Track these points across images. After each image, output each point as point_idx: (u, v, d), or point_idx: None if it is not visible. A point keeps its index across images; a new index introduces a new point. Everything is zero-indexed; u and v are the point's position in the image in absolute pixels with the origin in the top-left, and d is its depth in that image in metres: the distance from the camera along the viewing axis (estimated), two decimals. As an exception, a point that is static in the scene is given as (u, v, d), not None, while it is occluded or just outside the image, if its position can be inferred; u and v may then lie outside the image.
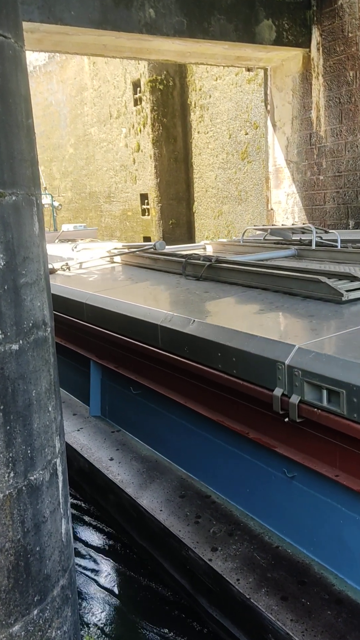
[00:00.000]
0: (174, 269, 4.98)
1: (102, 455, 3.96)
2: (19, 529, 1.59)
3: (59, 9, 7.13)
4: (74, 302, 4.47)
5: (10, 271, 1.55)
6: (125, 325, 3.80)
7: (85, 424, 4.48)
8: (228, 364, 2.88)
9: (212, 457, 3.36)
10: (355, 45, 8.38)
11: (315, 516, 2.67)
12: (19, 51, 1.62)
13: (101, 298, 4.22)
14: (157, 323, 3.45)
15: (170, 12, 7.96)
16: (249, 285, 4.07)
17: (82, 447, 4.13)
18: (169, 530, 3.03)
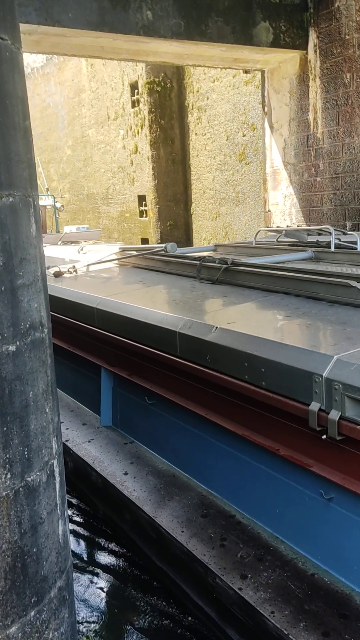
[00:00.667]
0: (187, 272, 4.80)
1: (116, 469, 3.74)
2: (16, 530, 1.59)
3: (56, 11, 7.14)
4: (84, 306, 4.29)
5: (7, 272, 1.56)
6: (139, 331, 3.62)
7: (96, 435, 4.28)
8: (256, 375, 2.69)
9: (236, 474, 3.15)
10: (352, 48, 8.41)
11: (356, 542, 2.47)
12: (16, 53, 1.62)
13: (113, 303, 4.05)
14: (175, 330, 3.26)
15: (168, 14, 7.98)
16: (268, 289, 3.88)
17: (94, 460, 3.92)
18: (192, 554, 2.82)
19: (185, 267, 4.87)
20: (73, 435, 4.32)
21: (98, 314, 4.12)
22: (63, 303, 4.60)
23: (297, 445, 2.65)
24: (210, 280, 4.40)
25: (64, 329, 4.72)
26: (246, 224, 13.75)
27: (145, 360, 3.71)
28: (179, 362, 3.26)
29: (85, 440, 4.22)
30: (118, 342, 3.89)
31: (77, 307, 4.39)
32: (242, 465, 3.07)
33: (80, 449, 4.10)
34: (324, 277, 3.58)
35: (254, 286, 4.03)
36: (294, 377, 2.49)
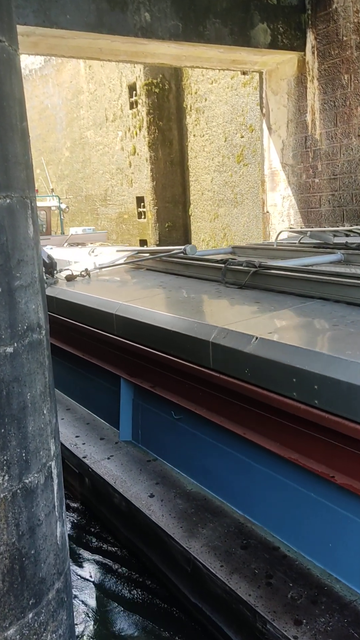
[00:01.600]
0: (209, 276, 4.55)
1: (141, 491, 3.44)
2: (14, 532, 1.59)
3: (54, 13, 7.15)
4: (102, 312, 4.04)
5: (5, 274, 1.56)
6: (165, 340, 3.38)
7: (115, 451, 4.00)
8: (307, 392, 2.43)
9: (280, 501, 2.86)
10: (350, 49, 8.43)
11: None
12: (13, 54, 1.62)
13: (134, 309, 3.79)
14: (207, 339, 2.99)
15: (166, 15, 7.99)
16: (303, 294, 3.61)
17: (115, 480, 3.62)
18: (236, 594, 2.53)
19: (207, 271, 4.62)
20: (91, 451, 4.05)
21: (117, 320, 3.88)
22: (77, 308, 4.41)
23: (356, 472, 2.40)
24: (237, 284, 4.14)
25: (78, 336, 4.55)
26: (244, 225, 13.76)
27: (171, 372, 3.47)
28: (212, 374, 2.99)
29: (104, 456, 3.94)
30: (140, 351, 3.64)
31: (94, 313, 4.15)
32: (287, 492, 2.79)
33: (99, 467, 3.81)
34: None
35: (286, 291, 3.75)
36: (354, 395, 2.24)
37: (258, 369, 2.68)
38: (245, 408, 2.92)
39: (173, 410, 3.57)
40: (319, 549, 2.63)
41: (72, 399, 5.00)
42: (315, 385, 2.39)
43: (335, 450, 2.46)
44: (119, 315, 3.86)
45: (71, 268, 5.48)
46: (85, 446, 4.13)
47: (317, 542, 2.64)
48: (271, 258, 5.16)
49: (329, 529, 2.59)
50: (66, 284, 5.05)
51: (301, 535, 2.72)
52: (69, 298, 4.58)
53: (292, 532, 2.78)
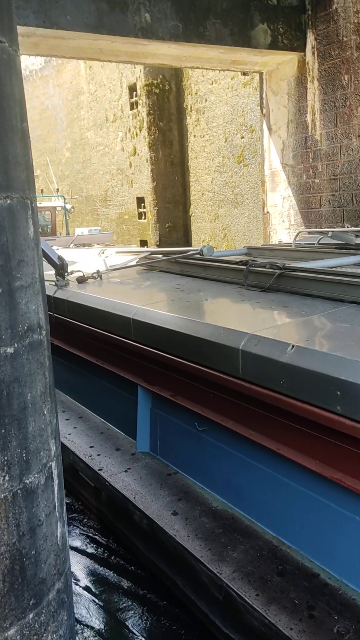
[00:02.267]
0: (229, 278, 4.38)
1: (162, 507, 3.22)
2: (14, 533, 1.59)
3: (54, 14, 7.15)
4: (118, 317, 3.87)
5: (5, 274, 1.56)
6: (188, 347, 3.19)
7: (133, 463, 3.80)
8: (353, 406, 2.26)
9: (319, 523, 2.65)
10: (350, 49, 8.43)
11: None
12: (14, 55, 1.62)
13: (153, 313, 3.61)
14: (236, 347, 2.80)
15: (166, 16, 7.99)
16: (334, 297, 3.43)
17: (135, 495, 3.41)
18: (276, 627, 2.32)
19: (227, 273, 4.45)
20: (107, 463, 3.86)
21: (135, 325, 3.69)
22: (91, 312, 4.25)
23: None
24: (260, 287, 3.96)
25: (91, 341, 4.40)
26: (245, 226, 13.76)
27: (194, 380, 3.26)
28: (241, 385, 2.79)
29: (122, 469, 3.74)
30: (159, 357, 3.46)
31: (109, 317, 3.98)
32: (327, 514, 2.58)
33: (116, 480, 3.61)
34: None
35: (314, 294, 3.56)
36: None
37: (295, 380, 2.49)
38: (279, 421, 2.71)
39: (196, 421, 3.36)
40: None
41: (84, 407, 4.83)
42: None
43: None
44: (137, 320, 3.68)
45: (82, 269, 5.31)
46: (100, 457, 3.94)
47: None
48: (290, 259, 4.94)
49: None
50: (77, 286, 4.92)
51: (344, 562, 2.50)
52: (82, 301, 4.43)
53: (333, 557, 2.55)
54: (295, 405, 2.52)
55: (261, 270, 4.07)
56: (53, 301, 4.78)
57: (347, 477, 2.42)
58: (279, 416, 2.71)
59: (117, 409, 4.35)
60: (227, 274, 4.47)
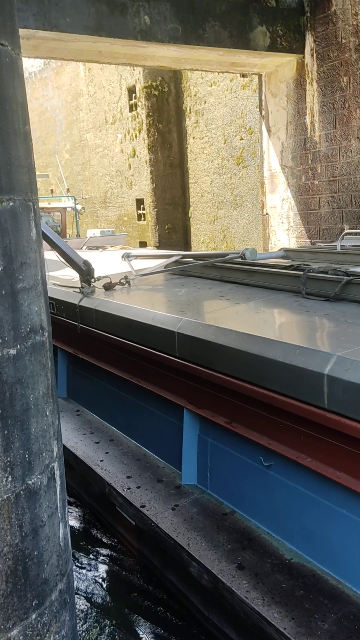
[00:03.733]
0: (280, 285, 3.97)
1: (224, 558, 2.72)
2: (17, 533, 1.60)
3: (54, 16, 7.16)
4: (159, 330, 3.45)
5: (8, 276, 1.57)
6: (251, 368, 2.77)
7: (180, 498, 3.31)
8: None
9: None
10: (349, 51, 8.45)
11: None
12: (16, 58, 1.63)
13: (203, 327, 3.18)
14: (321, 372, 2.39)
15: (165, 18, 8.01)
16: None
17: (189, 541, 2.88)
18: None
19: (278, 279, 4.02)
20: (149, 497, 3.37)
21: (180, 339, 3.26)
22: (124, 323, 3.84)
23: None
24: (322, 296, 3.55)
25: (124, 356, 4.01)
26: (244, 227, 13.78)
27: (259, 407, 2.83)
28: (326, 416, 2.40)
29: (168, 506, 3.25)
30: (212, 378, 3.05)
31: (148, 330, 3.56)
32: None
33: (163, 520, 3.11)
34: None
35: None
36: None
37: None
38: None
39: (261, 455, 2.91)
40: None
41: (115, 429, 4.41)
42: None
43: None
44: (183, 334, 3.25)
45: (107, 275, 4.89)
46: (141, 491, 3.45)
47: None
48: (340, 263, 4.47)
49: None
50: (104, 293, 4.52)
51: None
52: (114, 311, 4.02)
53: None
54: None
55: (322, 276, 3.62)
56: (78, 310, 4.45)
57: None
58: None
59: (156, 433, 3.89)
60: (278, 280, 4.02)
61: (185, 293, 4.39)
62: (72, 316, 4.57)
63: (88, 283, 4.61)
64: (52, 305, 4.88)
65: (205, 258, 5.13)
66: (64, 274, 5.56)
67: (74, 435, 4.41)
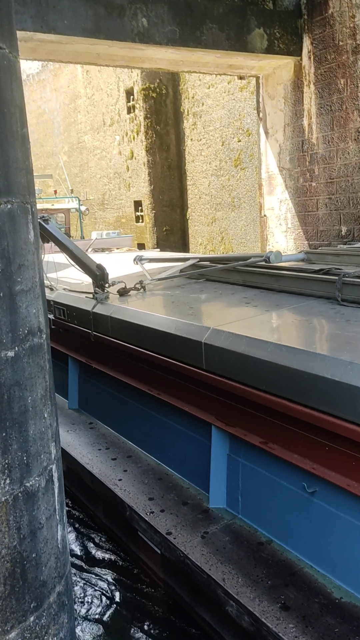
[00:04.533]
0: (311, 290, 3.72)
1: (265, 597, 2.45)
2: (15, 536, 1.60)
3: (52, 18, 7.17)
4: (183, 340, 3.20)
5: (6, 278, 1.57)
6: (294, 384, 2.53)
7: (209, 524, 3.01)
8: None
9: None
10: (346, 54, 8.47)
11: None
12: (14, 61, 1.64)
13: (234, 337, 2.91)
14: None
15: (163, 21, 8.02)
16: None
17: (224, 576, 2.61)
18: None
19: (308, 284, 3.77)
20: (175, 523, 3.07)
21: (208, 351, 3.02)
22: (143, 332, 3.60)
23: None
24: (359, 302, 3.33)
25: (143, 366, 3.78)
26: (242, 229, 13.79)
27: (302, 427, 2.59)
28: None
29: (197, 533, 2.95)
30: (242, 393, 2.82)
31: (170, 340, 3.32)
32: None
33: (192, 550, 2.81)
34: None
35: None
36: None
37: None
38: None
39: (304, 479, 2.66)
40: None
41: (133, 444, 4.14)
42: None
43: None
44: (211, 345, 3.00)
45: (121, 280, 4.64)
46: (165, 515, 3.17)
47: None
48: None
49: None
50: (119, 299, 4.29)
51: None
52: (132, 319, 3.77)
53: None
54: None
55: None
56: (92, 317, 4.23)
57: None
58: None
59: (179, 450, 3.61)
60: (308, 285, 3.77)
61: (206, 299, 4.17)
62: (85, 323, 4.36)
63: (102, 288, 4.38)
64: (63, 311, 4.70)
65: (225, 261, 4.85)
66: (65, 276, 5.39)
67: (88, 450, 4.14)
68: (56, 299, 4.93)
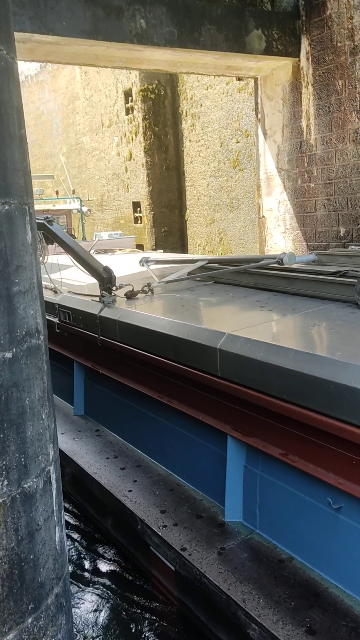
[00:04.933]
0: (328, 294, 3.60)
1: (289, 620, 2.33)
2: (13, 537, 1.59)
3: (50, 20, 7.17)
4: (197, 345, 3.06)
5: (3, 280, 1.57)
6: (319, 394, 2.39)
7: (226, 540, 2.86)
8: None
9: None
10: (344, 55, 8.49)
11: None
12: (11, 63, 1.64)
13: (252, 343, 2.77)
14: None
15: (161, 22, 8.03)
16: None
17: (244, 596, 2.47)
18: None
19: (324, 287, 3.64)
20: (189, 538, 2.92)
21: (224, 358, 2.89)
22: (153, 337, 3.48)
23: None
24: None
25: (153, 372, 3.66)
26: (240, 230, 13.80)
27: (328, 441, 2.45)
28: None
29: (213, 549, 2.79)
30: (264, 403, 2.69)
31: (182, 346, 3.18)
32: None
33: (209, 568, 2.67)
34: None
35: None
36: None
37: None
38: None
39: (329, 494, 2.52)
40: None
41: (142, 452, 4.01)
42: None
43: None
44: (227, 352, 2.87)
45: (130, 282, 4.51)
46: (179, 529, 3.02)
47: None
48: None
49: None
50: (126, 302, 4.18)
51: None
52: (141, 323, 3.64)
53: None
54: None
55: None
56: (99, 321, 4.11)
57: None
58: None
59: (192, 460, 3.46)
60: (324, 288, 3.65)
61: (218, 302, 4.02)
62: (92, 327, 4.24)
63: (109, 291, 4.25)
64: (68, 315, 4.58)
65: (235, 263, 4.68)
66: (66, 277, 5.26)
67: (95, 459, 4.00)
68: (61, 302, 4.80)
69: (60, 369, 5.20)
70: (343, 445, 2.38)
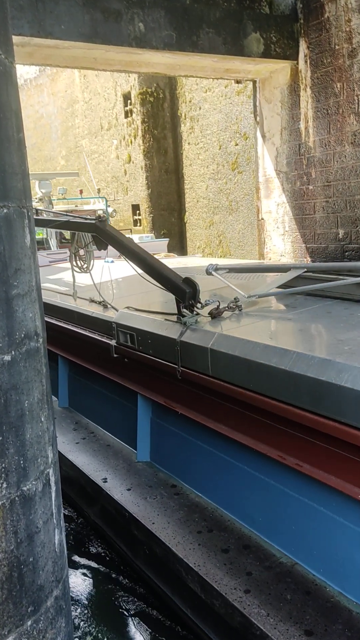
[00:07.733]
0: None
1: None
2: (12, 540, 1.59)
3: (49, 23, 7.19)
4: (340, 390, 2.24)
5: (2, 283, 1.57)
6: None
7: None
8: None
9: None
10: (342, 57, 8.51)
11: None
12: (9, 67, 1.64)
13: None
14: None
15: (160, 25, 8.05)
16: None
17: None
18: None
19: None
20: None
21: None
22: (270, 376, 2.61)
23: None
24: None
25: (264, 420, 2.80)
26: (240, 232, 13.82)
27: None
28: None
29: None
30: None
31: (318, 389, 2.35)
32: None
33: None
34: None
35: None
36: None
37: None
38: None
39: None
40: None
41: (248, 526, 3.12)
42: None
43: None
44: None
45: (217, 299, 3.63)
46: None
47: None
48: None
49: None
50: (211, 322, 3.34)
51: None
52: (250, 356, 2.76)
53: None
54: None
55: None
56: (179, 348, 3.25)
57: None
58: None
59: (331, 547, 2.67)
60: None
61: (333, 323, 3.07)
62: (168, 355, 3.37)
63: (190, 310, 3.42)
64: (132, 337, 3.70)
65: (332, 272, 3.82)
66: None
67: (184, 535, 3.11)
68: (120, 320, 3.89)
69: (122, 404, 4.32)
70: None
